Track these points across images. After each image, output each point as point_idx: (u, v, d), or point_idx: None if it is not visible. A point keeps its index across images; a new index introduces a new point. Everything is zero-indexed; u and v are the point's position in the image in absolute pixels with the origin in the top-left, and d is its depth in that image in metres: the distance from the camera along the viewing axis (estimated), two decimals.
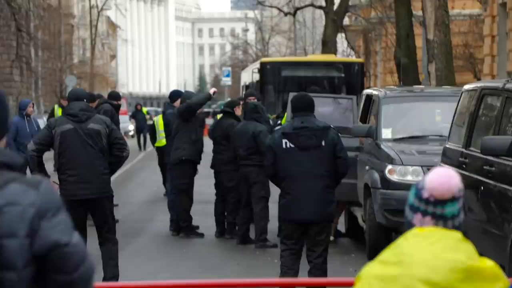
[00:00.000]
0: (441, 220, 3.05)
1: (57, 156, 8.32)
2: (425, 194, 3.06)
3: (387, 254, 3.05)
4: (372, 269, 3.03)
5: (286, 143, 7.82)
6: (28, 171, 14.82)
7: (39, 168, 8.38)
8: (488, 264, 2.99)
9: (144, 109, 36.97)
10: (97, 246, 8.62)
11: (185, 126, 12.13)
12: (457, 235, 3.03)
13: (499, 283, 2.98)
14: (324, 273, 7.90)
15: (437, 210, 3.05)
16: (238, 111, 12.39)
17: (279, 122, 13.62)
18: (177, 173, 12.34)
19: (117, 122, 13.54)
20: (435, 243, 2.98)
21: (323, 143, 7.80)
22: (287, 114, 13.18)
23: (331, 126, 8.02)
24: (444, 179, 3.04)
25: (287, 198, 7.90)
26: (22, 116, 14.96)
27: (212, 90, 12.96)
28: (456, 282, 2.92)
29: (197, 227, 12.59)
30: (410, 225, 3.13)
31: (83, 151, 8.28)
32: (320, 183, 7.80)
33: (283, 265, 8.02)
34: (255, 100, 12.58)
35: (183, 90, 14.65)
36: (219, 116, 13.36)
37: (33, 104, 15.93)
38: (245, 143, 11.41)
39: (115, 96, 14.94)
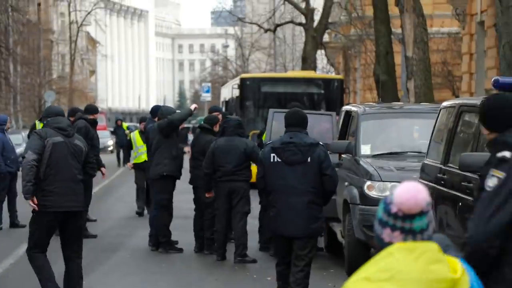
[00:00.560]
0: (410, 234, 3.07)
1: (45, 167, 8.29)
2: (394, 209, 3.07)
3: (371, 270, 3.03)
4: (360, 287, 3.01)
5: (274, 157, 7.99)
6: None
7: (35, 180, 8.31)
8: (458, 265, 3.06)
9: (125, 125, 36.90)
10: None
11: (166, 141, 12.14)
12: (435, 246, 3.06)
13: (465, 276, 3.06)
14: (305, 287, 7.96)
15: (405, 225, 3.07)
16: (217, 128, 12.36)
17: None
18: (158, 188, 12.33)
19: (92, 138, 13.37)
20: (420, 257, 3.01)
21: (308, 159, 7.91)
22: (267, 129, 13.23)
23: (320, 143, 8.11)
24: (412, 193, 3.06)
25: (273, 212, 8.05)
26: (2, 131, 14.89)
27: (193, 106, 13.05)
28: None
29: (176, 242, 12.57)
30: (379, 240, 3.13)
31: (71, 165, 8.41)
32: (305, 198, 7.90)
33: (277, 278, 8.25)
34: (220, 116, 12.68)
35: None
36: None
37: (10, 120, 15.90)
38: (234, 159, 11.34)
39: (91, 110, 14.41)
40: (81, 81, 65.65)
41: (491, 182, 4.15)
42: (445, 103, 9.48)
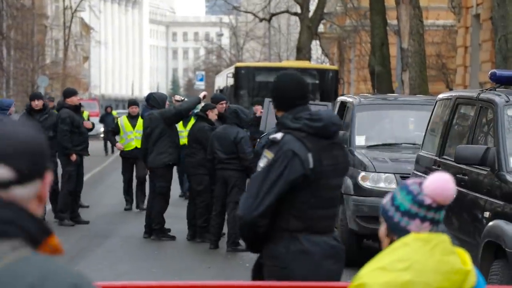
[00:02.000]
0: (436, 225, 3.09)
1: None
2: (428, 201, 3.06)
3: (387, 260, 3.01)
4: (377, 277, 2.97)
5: None
6: None
7: None
8: (467, 256, 3.09)
9: (114, 112, 36.67)
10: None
11: (169, 130, 12.14)
12: (447, 237, 3.08)
13: (473, 268, 3.10)
14: None
15: (436, 215, 3.09)
16: (212, 115, 12.31)
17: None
18: (160, 177, 12.28)
19: (78, 126, 13.16)
20: (435, 248, 3.02)
21: None
22: (262, 118, 13.23)
23: None
24: (447, 185, 3.07)
25: None
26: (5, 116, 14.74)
27: (202, 94, 12.70)
28: (459, 282, 3.00)
29: (169, 230, 12.56)
30: (404, 232, 3.10)
31: None
32: None
33: None
34: (226, 105, 12.64)
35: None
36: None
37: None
38: (225, 147, 11.35)
39: (66, 94, 13.45)
40: (74, 67, 65.49)
41: (262, 162, 4.30)
42: (441, 95, 9.48)
